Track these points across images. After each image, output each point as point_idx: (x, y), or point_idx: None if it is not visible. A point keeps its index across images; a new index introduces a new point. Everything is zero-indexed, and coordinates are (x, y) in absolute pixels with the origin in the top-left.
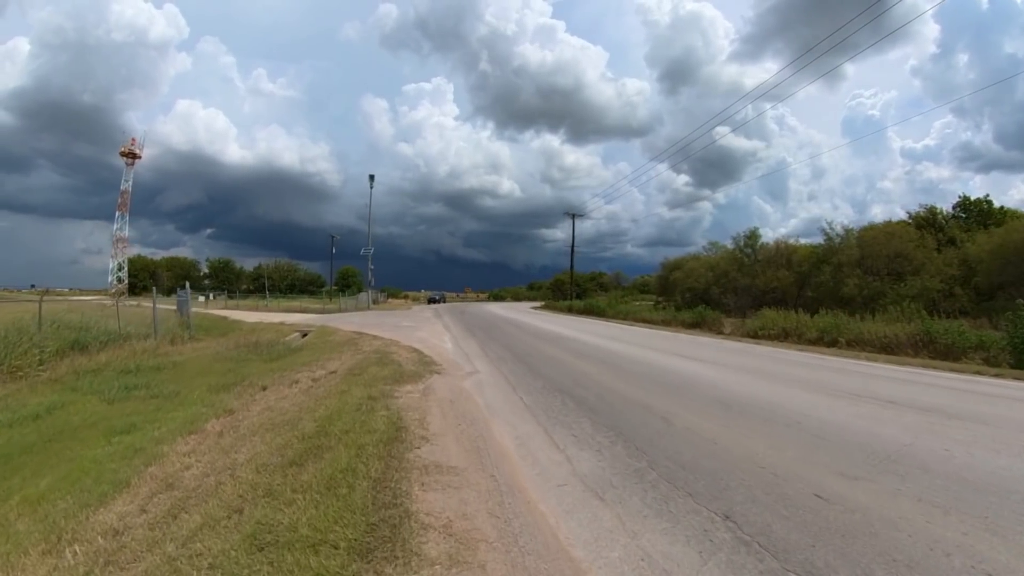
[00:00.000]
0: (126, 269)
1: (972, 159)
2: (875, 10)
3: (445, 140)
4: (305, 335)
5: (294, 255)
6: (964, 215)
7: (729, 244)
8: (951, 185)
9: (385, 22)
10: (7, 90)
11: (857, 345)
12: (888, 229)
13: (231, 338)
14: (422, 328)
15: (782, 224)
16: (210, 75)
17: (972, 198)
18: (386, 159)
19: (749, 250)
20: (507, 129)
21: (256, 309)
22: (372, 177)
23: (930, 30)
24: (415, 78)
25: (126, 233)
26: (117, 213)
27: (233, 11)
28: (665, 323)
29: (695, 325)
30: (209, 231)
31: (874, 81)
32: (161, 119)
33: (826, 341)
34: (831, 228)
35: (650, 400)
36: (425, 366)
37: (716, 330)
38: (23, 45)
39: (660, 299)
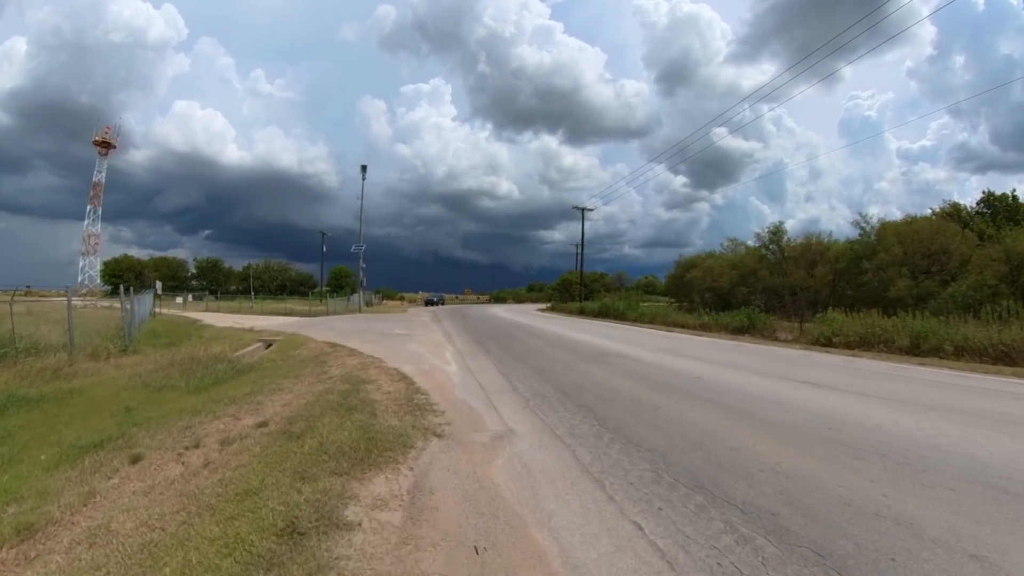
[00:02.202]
0: (98, 267)
1: (968, 160)
2: (871, 12)
3: (443, 141)
4: (270, 345)
5: (292, 256)
6: (988, 210)
7: (750, 241)
8: (948, 186)
9: (384, 23)
10: (4, 90)
11: (966, 354)
12: (930, 223)
13: (176, 351)
14: (417, 337)
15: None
16: (208, 76)
17: (997, 193)
18: (384, 160)
19: (774, 247)
20: (505, 130)
21: (238, 312)
22: (364, 168)
23: (927, 32)
24: (413, 79)
25: (98, 229)
26: (88, 207)
27: (231, 12)
28: (703, 328)
29: (742, 330)
30: (207, 232)
31: (871, 82)
32: (159, 120)
33: (923, 350)
34: (866, 222)
35: (926, 519)
36: (416, 414)
37: (768, 336)
38: (20, 45)
39: (672, 300)
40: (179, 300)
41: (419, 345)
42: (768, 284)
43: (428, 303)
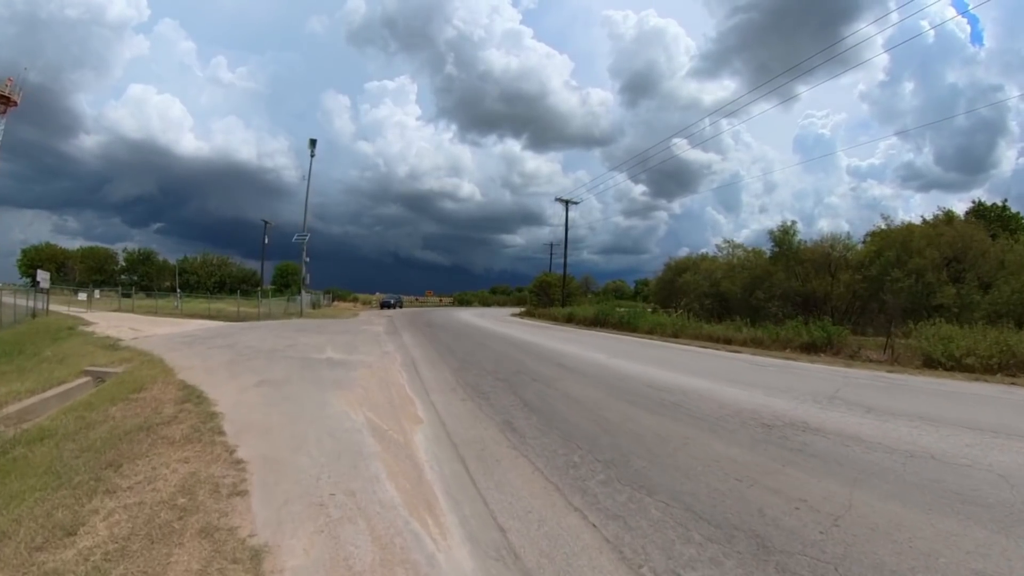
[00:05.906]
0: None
1: (913, 179)
2: (829, 37)
3: (406, 140)
4: (103, 380)
5: (246, 254)
6: (974, 220)
7: (742, 243)
8: (893, 202)
9: (353, 17)
10: None
11: None
12: (961, 225)
13: None
14: (356, 373)
15: (735, 234)
16: (167, 60)
17: (988, 203)
18: (345, 157)
19: (782, 248)
20: (470, 132)
21: (155, 312)
22: (313, 142)
23: (880, 59)
24: (379, 76)
25: None
26: None
27: None
28: (756, 343)
29: (813, 348)
30: (158, 226)
31: (826, 103)
32: (112, 104)
33: None
34: (889, 224)
35: None
36: None
37: (851, 354)
38: None
39: (657, 306)
40: (82, 296)
41: (356, 399)
42: (787, 289)
43: (384, 305)
